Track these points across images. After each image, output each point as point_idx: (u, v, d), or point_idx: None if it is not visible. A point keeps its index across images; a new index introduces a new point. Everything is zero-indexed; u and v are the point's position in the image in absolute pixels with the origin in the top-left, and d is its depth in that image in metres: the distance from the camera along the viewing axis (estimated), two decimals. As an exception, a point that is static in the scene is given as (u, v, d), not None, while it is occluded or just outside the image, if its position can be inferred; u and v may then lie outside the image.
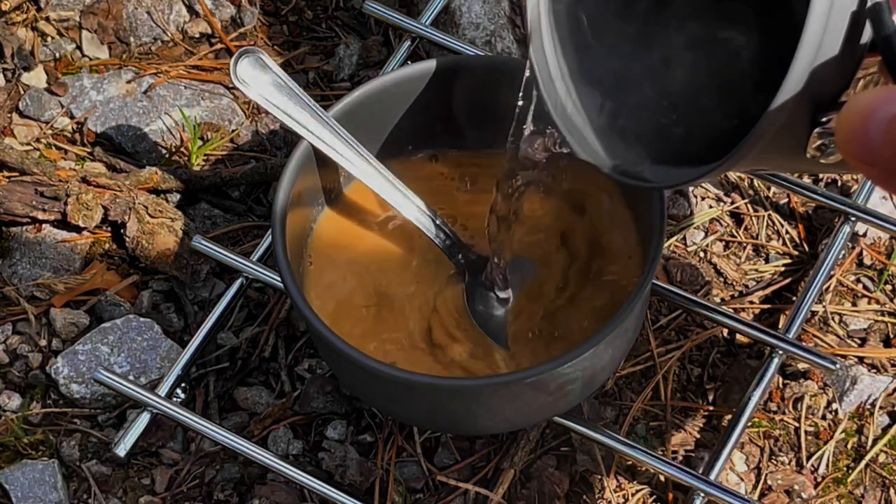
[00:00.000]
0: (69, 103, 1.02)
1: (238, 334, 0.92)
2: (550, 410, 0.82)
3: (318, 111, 0.80)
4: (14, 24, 1.05)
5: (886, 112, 0.45)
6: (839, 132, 0.47)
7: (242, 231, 0.96)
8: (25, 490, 0.85)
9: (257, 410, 0.89)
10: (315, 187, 0.82)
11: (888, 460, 0.86)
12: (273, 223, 0.78)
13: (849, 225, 0.91)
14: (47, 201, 0.94)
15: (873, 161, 0.46)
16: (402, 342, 0.79)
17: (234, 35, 1.05)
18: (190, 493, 0.86)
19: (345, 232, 0.83)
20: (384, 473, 0.85)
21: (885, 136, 0.45)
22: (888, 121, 0.45)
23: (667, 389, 0.89)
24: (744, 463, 0.86)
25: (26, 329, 0.92)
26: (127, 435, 0.85)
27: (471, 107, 0.82)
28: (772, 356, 0.86)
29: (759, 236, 0.95)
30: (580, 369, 0.77)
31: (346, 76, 1.03)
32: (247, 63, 0.80)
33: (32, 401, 0.90)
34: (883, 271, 0.93)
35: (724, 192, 0.97)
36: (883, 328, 0.91)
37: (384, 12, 1.00)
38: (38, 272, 0.94)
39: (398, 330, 0.79)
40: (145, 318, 0.91)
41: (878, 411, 0.88)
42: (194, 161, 0.99)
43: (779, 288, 0.93)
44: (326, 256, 0.82)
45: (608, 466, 0.86)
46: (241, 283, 0.90)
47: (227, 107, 1.02)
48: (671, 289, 0.89)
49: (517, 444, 0.85)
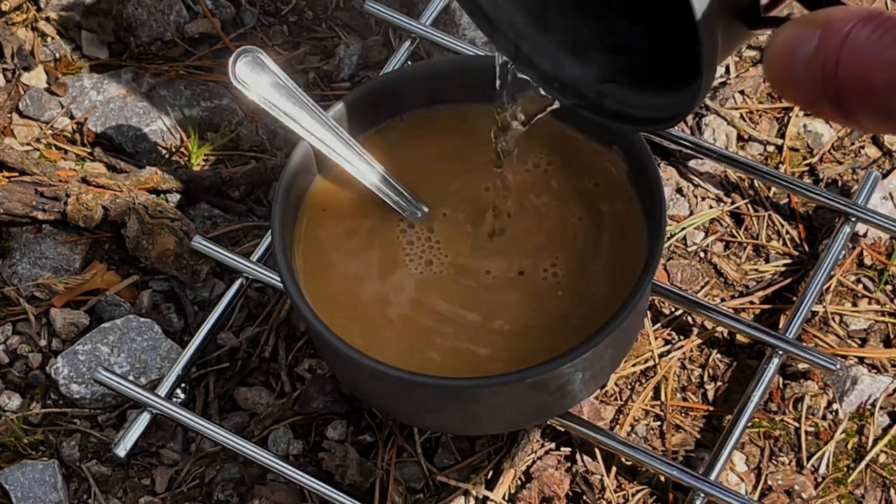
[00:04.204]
0: (69, 103, 1.02)
1: (238, 334, 0.92)
2: (550, 410, 0.82)
3: (317, 111, 0.80)
4: (14, 24, 1.05)
5: (806, 51, 0.47)
6: (767, 70, 0.49)
7: (242, 231, 0.96)
8: (25, 490, 0.85)
9: (257, 411, 0.89)
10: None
11: (888, 460, 0.86)
12: (273, 223, 0.78)
13: (849, 225, 0.91)
14: (47, 201, 0.94)
15: (801, 97, 0.48)
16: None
17: (234, 35, 1.05)
18: (190, 493, 0.86)
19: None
20: (384, 473, 0.85)
21: (808, 75, 0.47)
22: (807, 61, 0.47)
23: (667, 389, 0.89)
24: (744, 463, 0.86)
25: (26, 329, 0.92)
26: (127, 435, 0.85)
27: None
28: (772, 356, 0.86)
29: (760, 236, 0.95)
30: (580, 369, 0.77)
31: (346, 76, 1.03)
32: (245, 63, 0.80)
33: (32, 401, 0.90)
34: (883, 271, 0.93)
35: (724, 192, 0.96)
36: (883, 328, 0.91)
37: (384, 12, 1.00)
38: (38, 272, 0.94)
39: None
40: (145, 319, 0.91)
41: (878, 411, 0.87)
42: (194, 161, 0.99)
43: (779, 288, 0.92)
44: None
45: (608, 466, 0.86)
46: (241, 283, 0.90)
47: (227, 107, 1.02)
48: (671, 289, 0.89)
49: (517, 444, 0.85)
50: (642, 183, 0.80)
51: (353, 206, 0.83)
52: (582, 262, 0.81)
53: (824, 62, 0.47)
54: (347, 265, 0.81)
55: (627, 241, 0.81)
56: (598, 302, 0.79)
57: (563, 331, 0.78)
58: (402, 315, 0.80)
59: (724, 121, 0.98)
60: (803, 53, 0.47)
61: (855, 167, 0.97)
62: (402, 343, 0.79)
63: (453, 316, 0.80)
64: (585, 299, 0.79)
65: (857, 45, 0.46)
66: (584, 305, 0.79)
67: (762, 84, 1.01)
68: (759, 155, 0.98)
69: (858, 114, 0.47)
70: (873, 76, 0.45)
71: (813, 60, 0.47)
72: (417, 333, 0.79)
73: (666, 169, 0.97)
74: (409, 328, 0.80)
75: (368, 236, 0.82)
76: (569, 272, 0.81)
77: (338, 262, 0.81)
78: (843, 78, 0.46)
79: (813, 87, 0.47)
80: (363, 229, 0.82)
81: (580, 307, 0.79)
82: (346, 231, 0.83)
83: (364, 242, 0.82)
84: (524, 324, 0.79)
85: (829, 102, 0.47)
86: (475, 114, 0.85)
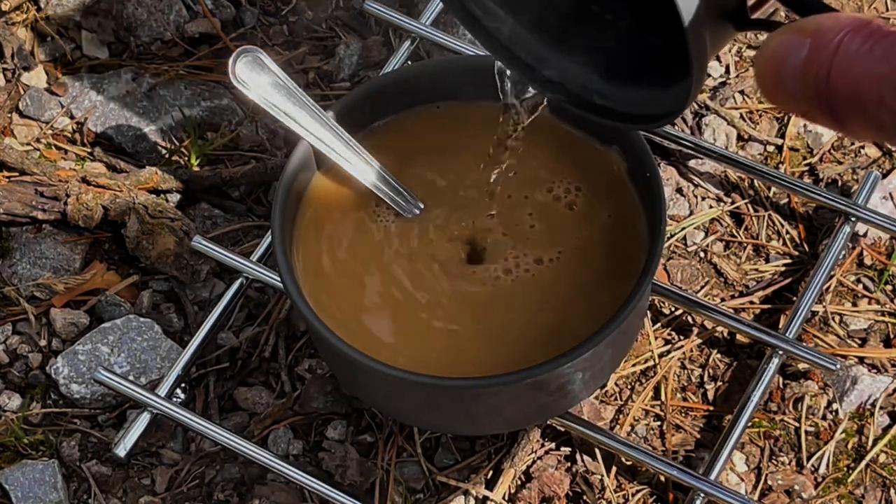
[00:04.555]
0: (69, 103, 1.02)
1: (238, 334, 0.92)
2: (550, 410, 0.82)
3: (317, 111, 0.80)
4: (14, 24, 1.05)
5: (797, 60, 0.47)
6: (758, 79, 0.49)
7: (242, 231, 0.96)
8: (25, 490, 0.85)
9: (257, 410, 0.89)
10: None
11: (888, 460, 0.86)
12: (273, 223, 0.78)
13: (849, 225, 0.91)
14: (47, 201, 0.94)
15: (793, 106, 0.48)
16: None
17: (234, 35, 1.05)
18: (190, 493, 0.86)
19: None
20: (384, 473, 0.85)
21: (799, 84, 0.47)
22: (798, 70, 0.47)
23: (667, 389, 0.89)
24: (744, 463, 0.86)
25: (26, 329, 0.92)
26: (127, 435, 0.85)
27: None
28: (772, 356, 0.86)
29: (760, 236, 0.95)
30: (580, 369, 0.77)
31: (346, 76, 1.03)
32: (245, 63, 0.80)
33: (32, 401, 0.90)
34: (883, 271, 0.93)
35: (724, 192, 0.96)
36: (883, 328, 0.91)
37: (384, 12, 1.00)
38: (38, 272, 0.94)
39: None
40: (145, 318, 0.91)
41: (878, 411, 0.87)
42: (194, 161, 0.99)
43: (779, 288, 0.92)
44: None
45: (608, 466, 0.86)
46: (241, 283, 0.90)
47: (227, 107, 1.02)
48: (671, 289, 0.89)
49: (517, 444, 0.85)
50: (642, 183, 0.80)
51: (352, 206, 0.83)
52: (581, 262, 0.81)
53: (816, 72, 0.47)
54: (347, 264, 0.81)
55: (627, 240, 0.81)
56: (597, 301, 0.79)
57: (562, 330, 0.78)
58: (402, 314, 0.80)
59: (724, 121, 0.98)
60: (794, 62, 0.47)
61: (855, 167, 0.97)
62: (403, 342, 0.79)
63: (454, 315, 0.80)
64: (585, 299, 0.79)
65: (848, 56, 0.46)
66: (584, 305, 0.79)
67: (762, 84, 1.01)
68: (759, 155, 0.98)
69: (851, 123, 0.47)
70: (864, 89, 0.45)
71: (804, 69, 0.47)
72: (418, 333, 0.79)
73: (666, 169, 0.97)
74: (410, 327, 0.80)
75: (368, 235, 0.82)
76: (568, 271, 0.81)
77: (338, 262, 0.81)
78: (833, 88, 0.46)
79: (805, 96, 0.47)
80: (363, 228, 0.83)
81: (579, 307, 0.79)
82: (346, 230, 0.83)
83: (364, 241, 0.82)
84: (524, 323, 0.79)
85: (822, 111, 0.47)
86: (475, 112, 0.85)
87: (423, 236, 0.82)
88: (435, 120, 0.86)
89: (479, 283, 0.80)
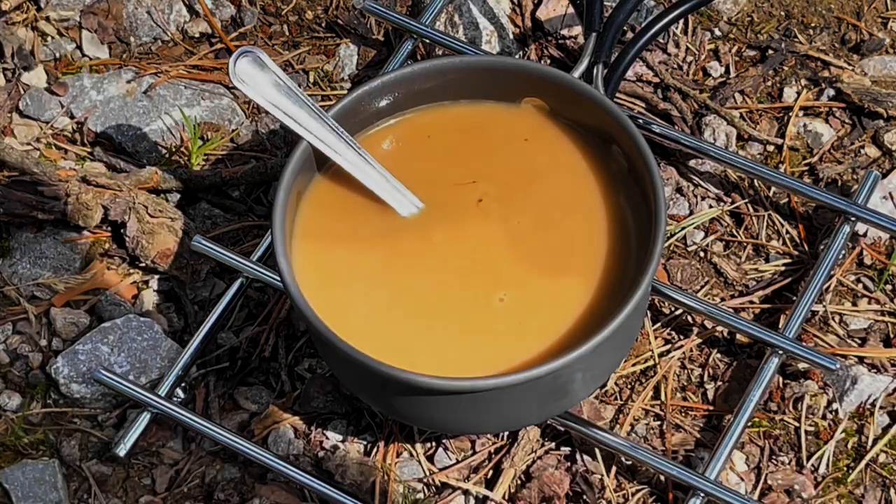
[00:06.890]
0: (69, 103, 1.02)
1: (238, 334, 0.92)
2: (550, 410, 0.82)
3: (317, 110, 0.81)
4: (14, 24, 1.05)
5: None
6: None
7: (242, 231, 0.96)
8: (25, 490, 0.85)
9: (258, 410, 0.89)
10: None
11: (888, 460, 0.86)
12: (273, 222, 0.78)
13: (849, 225, 0.91)
14: (47, 201, 0.94)
15: None
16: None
17: (234, 35, 1.05)
18: (190, 492, 0.86)
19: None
20: (384, 473, 0.85)
21: None
22: None
23: (667, 389, 0.89)
24: (744, 463, 0.86)
25: (26, 329, 0.92)
26: (127, 435, 0.85)
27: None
28: (772, 356, 0.86)
29: (760, 236, 0.95)
30: (580, 369, 0.77)
31: (346, 76, 1.03)
32: (245, 62, 0.80)
33: (33, 401, 0.90)
34: (883, 271, 0.93)
35: (724, 192, 0.97)
36: (883, 328, 0.91)
37: (384, 12, 1.00)
38: (38, 272, 0.94)
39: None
40: (145, 318, 0.91)
41: (878, 411, 0.87)
42: (194, 161, 0.99)
43: (779, 288, 0.92)
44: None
45: (608, 466, 0.86)
46: (241, 282, 0.90)
47: (227, 107, 1.02)
48: (671, 289, 0.88)
49: (517, 444, 0.85)
50: (642, 182, 0.80)
51: (352, 205, 0.83)
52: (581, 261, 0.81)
53: None
54: (347, 264, 0.81)
55: (627, 240, 0.81)
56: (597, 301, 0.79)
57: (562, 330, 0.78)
58: (402, 314, 0.80)
59: (724, 120, 0.98)
60: None
61: (855, 167, 0.97)
62: (403, 342, 0.79)
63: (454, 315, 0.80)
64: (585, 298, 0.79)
65: None
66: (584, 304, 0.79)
67: (762, 84, 1.01)
68: (759, 154, 0.98)
69: None
70: None
71: None
72: (418, 333, 0.79)
73: (666, 168, 0.97)
74: (410, 327, 0.80)
75: (368, 235, 0.82)
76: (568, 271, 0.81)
77: (338, 261, 0.82)
78: None
79: None
80: (362, 227, 0.83)
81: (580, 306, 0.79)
82: (346, 229, 0.83)
83: (363, 240, 0.82)
84: (524, 323, 0.79)
85: None
86: (475, 112, 0.85)
87: (422, 236, 0.82)
88: (435, 119, 0.86)
89: (478, 281, 0.80)
